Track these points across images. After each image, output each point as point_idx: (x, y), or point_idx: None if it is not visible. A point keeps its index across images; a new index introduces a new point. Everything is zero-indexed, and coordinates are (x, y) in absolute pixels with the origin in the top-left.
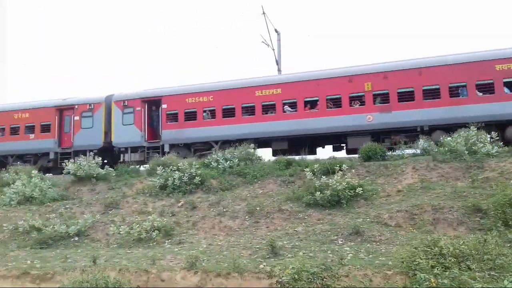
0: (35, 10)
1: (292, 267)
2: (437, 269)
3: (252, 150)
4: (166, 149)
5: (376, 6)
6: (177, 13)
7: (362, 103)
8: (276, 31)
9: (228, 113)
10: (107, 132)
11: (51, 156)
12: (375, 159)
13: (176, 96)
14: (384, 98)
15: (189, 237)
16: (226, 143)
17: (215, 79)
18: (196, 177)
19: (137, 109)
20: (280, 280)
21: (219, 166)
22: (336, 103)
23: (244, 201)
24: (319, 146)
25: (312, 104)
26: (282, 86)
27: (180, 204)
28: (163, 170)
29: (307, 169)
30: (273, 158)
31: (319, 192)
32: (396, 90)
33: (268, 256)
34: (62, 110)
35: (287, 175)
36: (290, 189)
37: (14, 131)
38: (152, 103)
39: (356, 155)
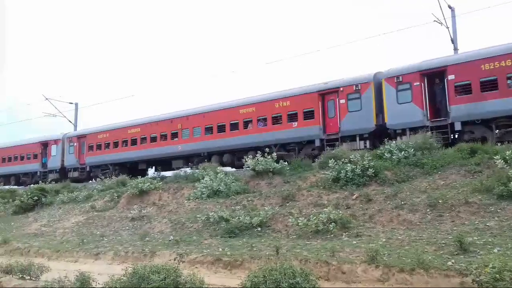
0: (34, 9)
1: (492, 266)
2: None
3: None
4: (457, 127)
5: None
6: None
7: None
8: (449, 7)
9: None
10: (378, 114)
11: (317, 143)
12: None
13: (466, 64)
14: None
15: (367, 230)
16: None
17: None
18: (369, 169)
19: (414, 84)
20: (477, 279)
21: (393, 157)
22: None
23: (424, 193)
24: None
25: None
26: None
27: (354, 197)
28: (335, 162)
29: (497, 157)
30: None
31: None
32: None
33: (456, 252)
34: (325, 95)
35: (473, 164)
36: (477, 180)
37: (276, 120)
38: (434, 75)
39: None
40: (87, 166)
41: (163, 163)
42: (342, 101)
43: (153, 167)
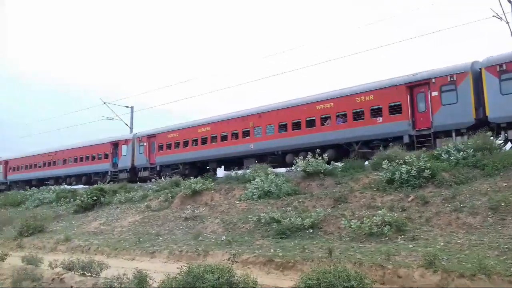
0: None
1: None
2: None
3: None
4: None
5: None
6: None
7: None
8: (509, 1)
9: None
10: (478, 107)
11: (405, 140)
12: None
13: None
14: None
15: (423, 234)
16: None
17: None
18: (425, 170)
19: None
20: None
21: (451, 158)
22: None
23: (485, 195)
24: None
25: None
26: None
27: (410, 199)
28: (389, 164)
29: None
30: None
31: None
32: None
33: None
34: (413, 87)
35: None
36: None
37: (358, 115)
38: None
39: None
40: (157, 166)
41: (234, 162)
42: (435, 93)
43: (222, 166)
